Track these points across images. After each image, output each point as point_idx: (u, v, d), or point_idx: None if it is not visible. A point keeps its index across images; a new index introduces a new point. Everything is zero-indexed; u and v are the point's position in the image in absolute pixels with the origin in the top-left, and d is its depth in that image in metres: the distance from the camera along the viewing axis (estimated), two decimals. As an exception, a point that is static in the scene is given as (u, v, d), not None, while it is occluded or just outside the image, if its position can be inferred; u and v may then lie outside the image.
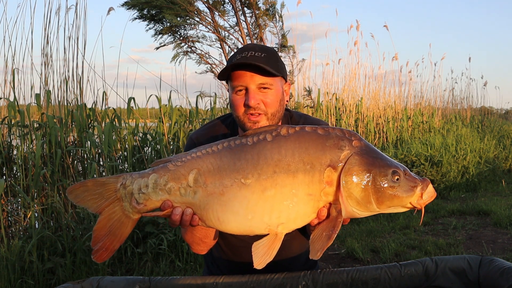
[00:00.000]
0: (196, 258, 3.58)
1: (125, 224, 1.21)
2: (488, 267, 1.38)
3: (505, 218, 4.63)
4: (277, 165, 1.13)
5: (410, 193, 1.13)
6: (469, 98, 12.33)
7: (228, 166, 1.15)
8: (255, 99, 1.38)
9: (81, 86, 4.44)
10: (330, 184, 1.13)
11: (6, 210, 3.57)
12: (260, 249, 1.14)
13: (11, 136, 4.00)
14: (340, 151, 1.13)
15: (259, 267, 1.13)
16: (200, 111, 5.59)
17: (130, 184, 1.19)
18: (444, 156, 6.49)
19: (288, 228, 1.16)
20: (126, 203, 1.20)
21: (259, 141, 1.16)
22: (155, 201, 1.19)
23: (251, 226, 1.14)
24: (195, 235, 1.42)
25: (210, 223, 1.18)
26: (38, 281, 3.05)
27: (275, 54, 1.46)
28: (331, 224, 1.13)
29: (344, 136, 1.16)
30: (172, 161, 1.20)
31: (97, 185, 1.21)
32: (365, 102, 8.39)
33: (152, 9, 6.69)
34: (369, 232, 4.44)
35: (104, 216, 1.20)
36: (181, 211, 1.17)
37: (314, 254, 1.11)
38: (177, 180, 1.17)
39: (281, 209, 1.12)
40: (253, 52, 1.40)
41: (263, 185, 1.12)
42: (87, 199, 1.20)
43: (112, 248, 1.20)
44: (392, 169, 1.13)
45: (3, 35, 4.24)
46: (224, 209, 1.14)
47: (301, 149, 1.14)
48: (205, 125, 1.65)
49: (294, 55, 7.28)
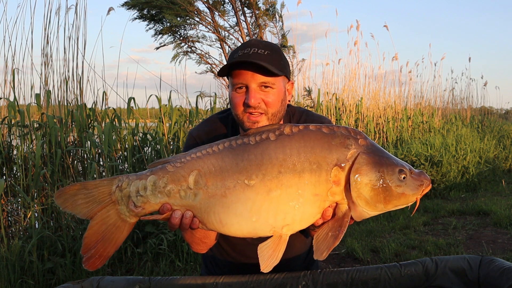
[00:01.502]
0: (196, 258, 3.58)
1: (121, 228, 1.15)
2: (488, 267, 1.38)
3: (505, 218, 4.62)
4: (282, 165, 1.10)
5: (416, 191, 1.13)
6: (469, 98, 12.34)
7: (231, 166, 1.11)
8: (256, 98, 1.34)
9: (81, 86, 4.44)
10: (337, 183, 1.10)
11: (6, 210, 3.57)
12: (265, 252, 1.12)
13: (11, 136, 4.00)
14: (347, 150, 1.11)
15: (265, 271, 1.11)
16: (200, 111, 5.58)
17: (127, 186, 1.14)
18: (444, 156, 6.49)
19: (293, 229, 1.14)
20: (122, 206, 1.15)
21: (262, 141, 1.13)
22: (154, 204, 1.14)
23: (255, 228, 1.12)
24: (195, 236, 1.39)
25: (212, 226, 1.14)
26: (38, 281, 3.05)
27: (279, 52, 1.40)
28: (337, 224, 1.11)
29: (349, 134, 1.14)
30: (171, 162, 1.15)
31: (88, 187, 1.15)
32: (365, 102, 8.38)
33: (152, 9, 6.69)
34: (369, 232, 4.44)
35: (97, 221, 1.14)
36: (181, 214, 1.13)
37: (320, 255, 1.09)
38: (177, 182, 1.13)
39: (287, 210, 1.10)
40: (256, 49, 1.35)
41: (268, 186, 1.09)
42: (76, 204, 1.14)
43: (106, 255, 1.15)
44: (399, 167, 1.12)
45: (3, 35, 4.27)
46: (226, 212, 1.11)
47: (306, 148, 1.11)
48: (205, 121, 1.60)
49: (294, 55, 7.28)
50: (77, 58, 4.44)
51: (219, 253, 1.62)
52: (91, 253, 1.14)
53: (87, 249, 1.14)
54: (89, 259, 1.14)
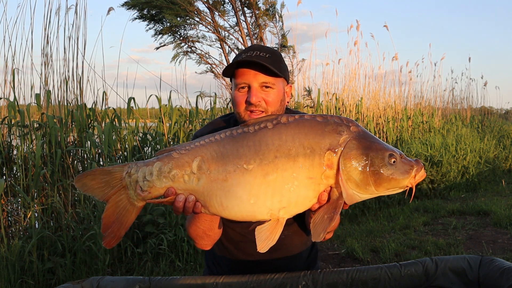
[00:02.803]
0: (196, 258, 3.58)
1: (130, 211, 1.24)
2: (488, 267, 1.38)
3: (505, 218, 4.63)
4: (278, 150, 1.16)
5: (406, 175, 1.17)
6: (469, 98, 12.33)
7: (231, 152, 1.18)
8: (257, 97, 1.44)
9: (81, 86, 4.44)
10: (330, 167, 1.16)
11: (6, 210, 3.57)
12: (263, 233, 1.17)
13: (11, 136, 4.00)
14: (339, 135, 1.17)
15: (262, 251, 1.16)
16: (200, 111, 5.59)
17: (135, 172, 1.23)
18: (444, 156, 6.49)
19: (290, 212, 1.18)
20: (131, 190, 1.23)
21: (261, 129, 1.20)
22: (159, 188, 1.21)
23: (254, 211, 1.17)
24: (199, 228, 1.45)
25: (213, 210, 1.20)
26: (38, 281, 3.05)
27: (280, 57, 1.52)
28: (332, 206, 1.17)
29: (342, 122, 1.20)
30: (176, 149, 1.23)
31: (103, 173, 1.24)
32: (365, 102, 8.38)
33: (152, 9, 6.70)
34: (369, 232, 4.44)
35: (111, 203, 1.24)
36: (184, 198, 1.20)
37: (317, 237, 1.15)
38: (181, 167, 1.20)
39: (283, 193, 1.15)
40: (258, 52, 1.46)
41: (265, 170, 1.15)
42: (94, 188, 1.23)
43: (119, 235, 1.23)
44: (389, 152, 1.17)
45: (3, 35, 4.25)
46: (227, 195, 1.17)
47: (301, 135, 1.17)
48: (208, 123, 1.71)
49: (294, 55, 7.29)
50: (77, 58, 4.44)
51: (220, 251, 1.66)
52: (108, 232, 1.23)
53: (106, 228, 1.23)
54: (106, 237, 1.23)
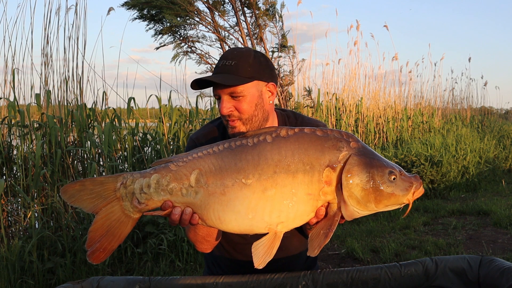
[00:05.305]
0: (196, 258, 3.58)
1: (125, 223, 1.21)
2: (488, 267, 1.38)
3: (505, 218, 4.63)
4: (277, 165, 1.16)
5: (405, 192, 1.17)
6: (469, 98, 12.35)
7: (230, 166, 1.17)
8: (227, 108, 1.41)
9: (81, 86, 4.44)
10: (329, 183, 1.16)
11: (6, 210, 3.57)
12: (260, 249, 1.17)
13: (11, 136, 4.00)
14: (339, 152, 1.17)
15: (260, 267, 1.16)
16: (200, 111, 5.59)
17: (131, 184, 1.20)
18: (444, 156, 6.49)
19: (287, 227, 1.19)
20: (126, 202, 1.20)
21: (260, 142, 1.19)
22: (157, 201, 1.20)
23: (252, 225, 1.16)
24: (198, 234, 1.44)
25: (211, 223, 1.19)
26: (38, 281, 3.05)
27: (248, 59, 1.41)
28: (328, 223, 1.18)
29: (342, 137, 1.20)
30: (173, 161, 1.21)
31: (94, 184, 1.20)
32: (365, 102, 8.38)
33: (152, 9, 6.69)
34: (369, 232, 4.44)
35: (102, 216, 1.19)
36: (181, 211, 1.19)
37: (312, 251, 1.16)
38: (179, 181, 1.18)
39: (281, 208, 1.15)
40: (225, 61, 1.41)
41: (264, 185, 1.15)
42: (83, 199, 1.19)
43: (110, 248, 1.20)
44: (389, 169, 1.17)
45: (3, 35, 4.26)
46: (225, 209, 1.16)
47: (300, 150, 1.17)
48: (203, 126, 1.70)
49: (294, 55, 7.28)
50: (77, 58, 4.44)
51: (220, 252, 1.66)
52: (95, 246, 1.18)
53: (92, 242, 1.18)
54: (93, 252, 1.19)
